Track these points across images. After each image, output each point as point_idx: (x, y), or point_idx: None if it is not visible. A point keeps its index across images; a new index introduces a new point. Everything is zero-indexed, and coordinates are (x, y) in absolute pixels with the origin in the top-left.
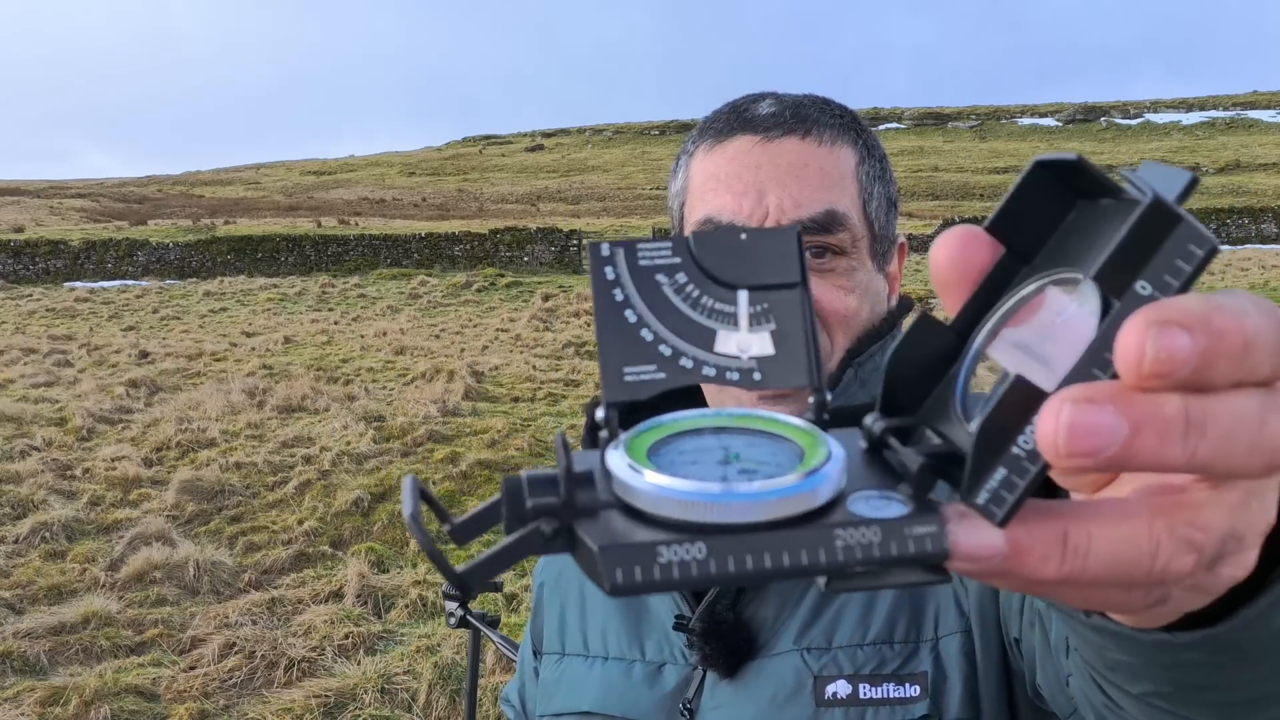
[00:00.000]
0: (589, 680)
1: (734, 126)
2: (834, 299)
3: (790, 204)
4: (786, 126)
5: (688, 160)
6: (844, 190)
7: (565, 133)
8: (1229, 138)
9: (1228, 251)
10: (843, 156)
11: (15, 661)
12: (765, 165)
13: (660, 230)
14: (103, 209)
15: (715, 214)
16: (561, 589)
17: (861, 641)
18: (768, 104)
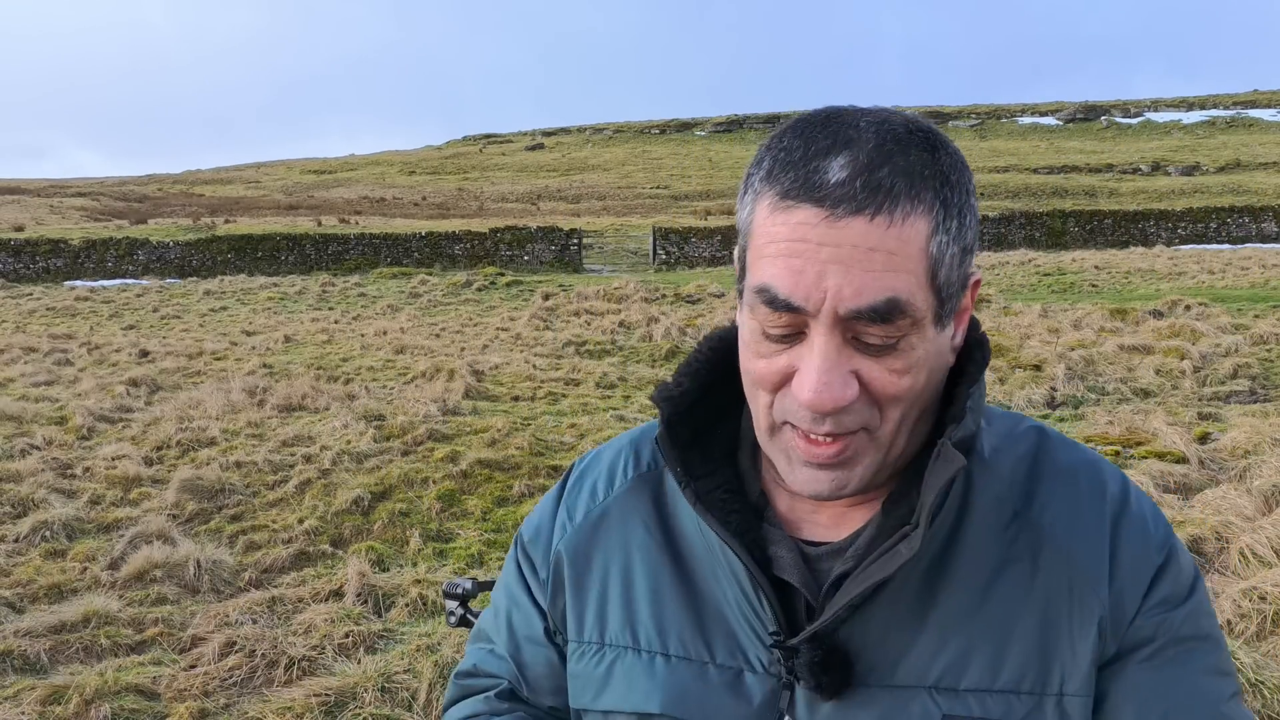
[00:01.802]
0: (653, 679)
1: (802, 191)
2: (887, 383)
3: (850, 292)
4: (855, 204)
5: (754, 200)
6: (911, 271)
7: (565, 132)
8: (1229, 137)
9: (1228, 251)
10: (915, 232)
11: (15, 660)
12: (827, 246)
13: (660, 230)
14: (103, 208)
15: (771, 283)
16: (598, 569)
17: (990, 687)
18: (839, 166)
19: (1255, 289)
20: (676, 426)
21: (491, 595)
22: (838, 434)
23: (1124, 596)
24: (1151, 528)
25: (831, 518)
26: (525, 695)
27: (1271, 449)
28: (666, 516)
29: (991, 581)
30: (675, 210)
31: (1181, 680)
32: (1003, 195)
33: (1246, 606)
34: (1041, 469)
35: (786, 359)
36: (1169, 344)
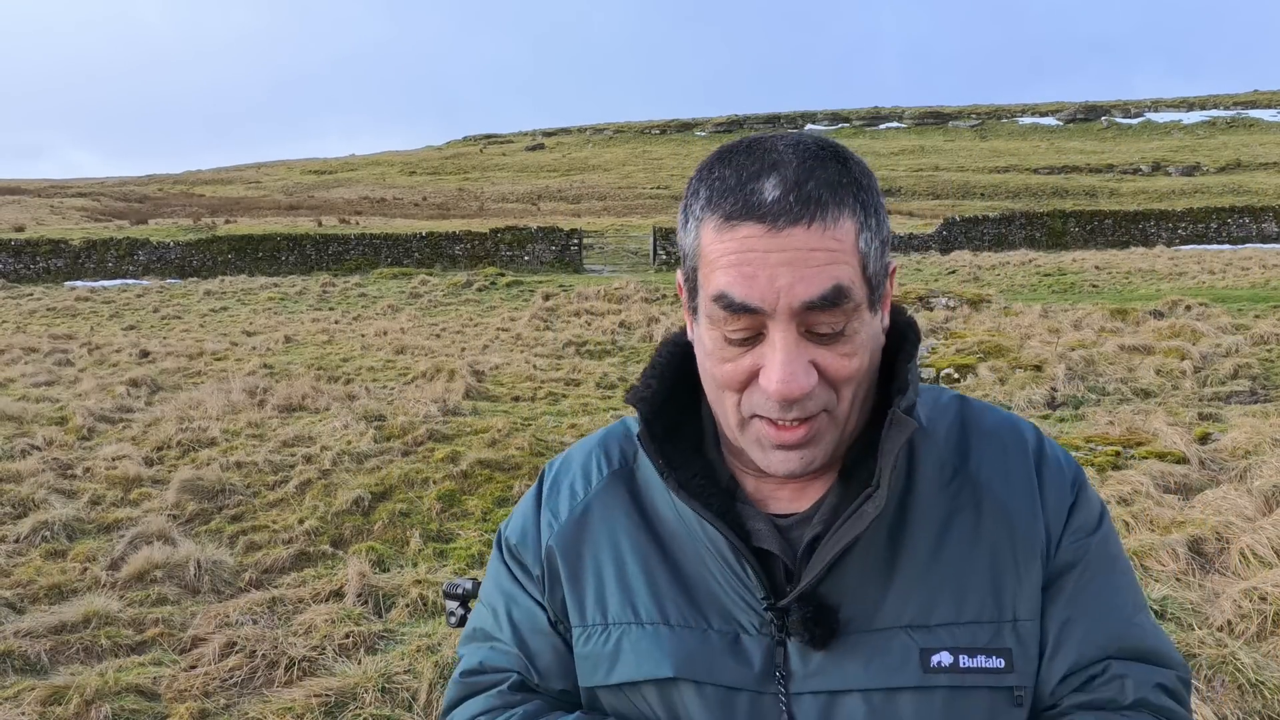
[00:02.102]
0: (661, 647)
1: (742, 211)
2: (840, 366)
3: (801, 286)
4: (793, 215)
5: (698, 225)
6: (847, 263)
7: (566, 132)
8: (1229, 137)
9: (1229, 251)
10: (844, 232)
11: (16, 660)
12: (774, 252)
13: (660, 230)
14: (103, 208)
15: (727, 290)
16: (590, 559)
17: (956, 620)
18: (772, 185)
19: (1256, 289)
20: (653, 423)
21: (481, 597)
22: (803, 418)
23: (1050, 529)
24: (1065, 469)
25: (793, 492)
26: (536, 684)
27: (1272, 449)
28: (644, 506)
29: (944, 531)
30: (675, 211)
31: (1100, 595)
32: (1003, 195)
33: (1247, 606)
34: (969, 431)
35: (750, 359)
36: (1169, 344)
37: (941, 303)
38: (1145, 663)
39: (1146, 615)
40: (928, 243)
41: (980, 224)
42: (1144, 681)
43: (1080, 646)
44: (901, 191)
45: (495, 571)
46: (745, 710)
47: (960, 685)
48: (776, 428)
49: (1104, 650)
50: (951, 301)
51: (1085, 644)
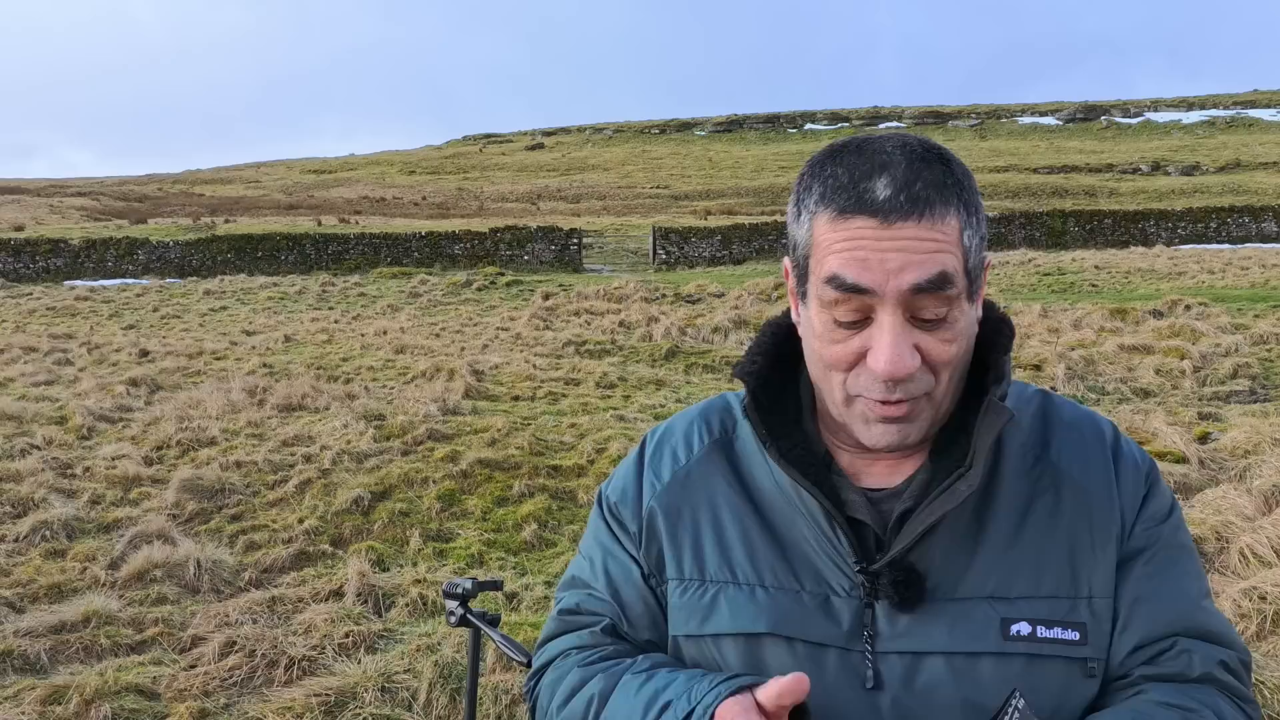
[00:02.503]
0: (756, 605)
1: (856, 206)
2: (941, 351)
3: (910, 272)
4: (903, 211)
5: (811, 218)
6: (952, 253)
7: (565, 131)
8: (1229, 137)
9: (1228, 251)
10: (950, 227)
11: (15, 660)
12: (886, 241)
13: (660, 229)
14: (103, 207)
15: (840, 272)
16: (689, 519)
17: (1035, 593)
18: (884, 184)
19: (1255, 289)
20: (759, 396)
21: (580, 551)
22: (905, 398)
23: (1125, 515)
24: (1140, 462)
25: (885, 469)
26: (625, 631)
27: (1271, 449)
28: (742, 474)
29: (1025, 511)
30: (675, 210)
31: (1170, 578)
32: (1003, 195)
33: (1247, 606)
34: (1051, 422)
35: (858, 342)
36: (1169, 344)
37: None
38: (1210, 642)
39: (1211, 601)
40: None
41: None
42: (1209, 658)
43: (1149, 623)
44: None
45: (595, 527)
46: (833, 665)
47: (1037, 654)
48: (881, 404)
49: (1172, 628)
50: None
51: (1154, 621)
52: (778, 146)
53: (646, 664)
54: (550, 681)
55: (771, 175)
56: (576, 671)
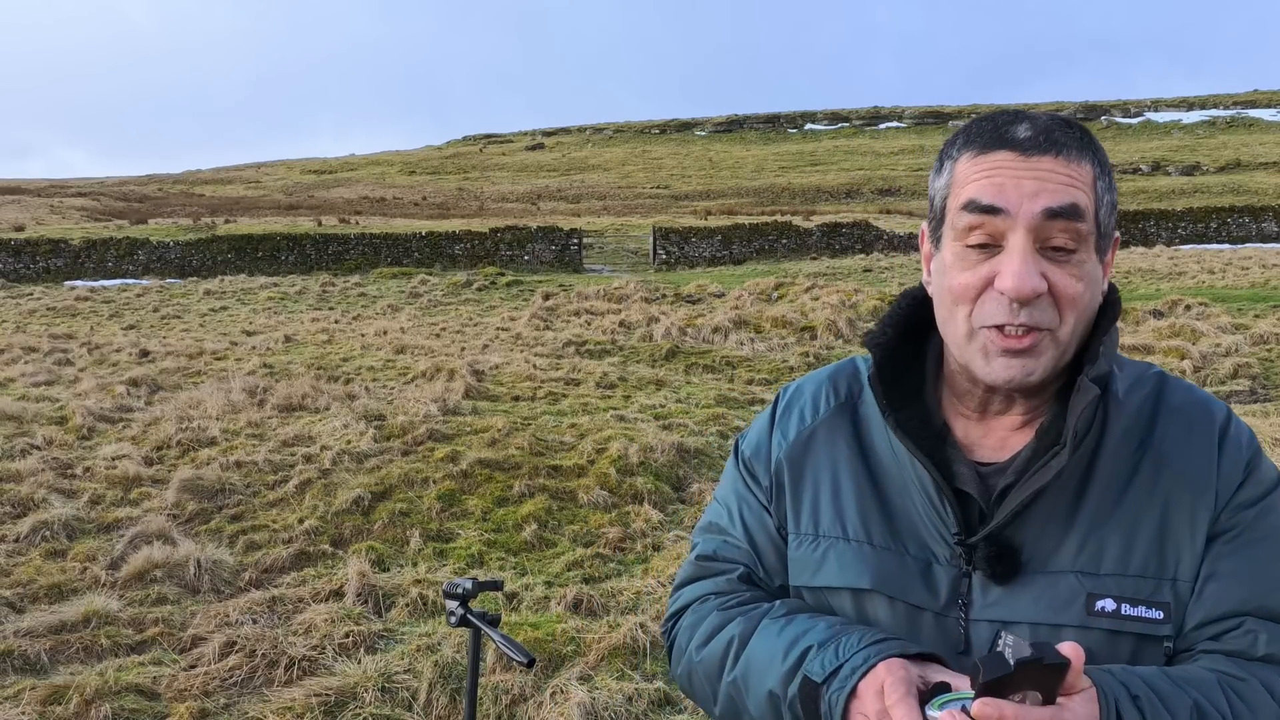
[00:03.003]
0: (863, 562)
1: (997, 143)
2: (1068, 285)
3: (1044, 197)
4: (1042, 148)
5: (952, 164)
6: (1084, 194)
7: (565, 132)
8: (1229, 136)
9: (1228, 251)
10: (1084, 171)
11: (15, 660)
12: (1024, 171)
13: (660, 229)
14: (103, 208)
15: (977, 195)
16: (810, 476)
17: (1123, 572)
18: (1025, 128)
19: (1255, 289)
20: (884, 366)
21: (716, 498)
22: (1030, 327)
23: (1219, 499)
24: (1245, 448)
25: (997, 441)
26: (760, 577)
27: (1271, 449)
28: (862, 438)
29: (1122, 492)
30: (675, 210)
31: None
32: None
33: None
34: (1161, 406)
35: (987, 268)
36: (1169, 344)
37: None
38: None
39: None
40: None
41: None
42: (1276, 639)
43: (1219, 600)
44: (901, 191)
45: (731, 477)
46: (929, 627)
47: (1119, 630)
48: (1003, 336)
49: (1243, 607)
50: None
51: (1225, 598)
52: (778, 146)
53: (784, 609)
54: (690, 624)
55: (772, 175)
56: (716, 615)
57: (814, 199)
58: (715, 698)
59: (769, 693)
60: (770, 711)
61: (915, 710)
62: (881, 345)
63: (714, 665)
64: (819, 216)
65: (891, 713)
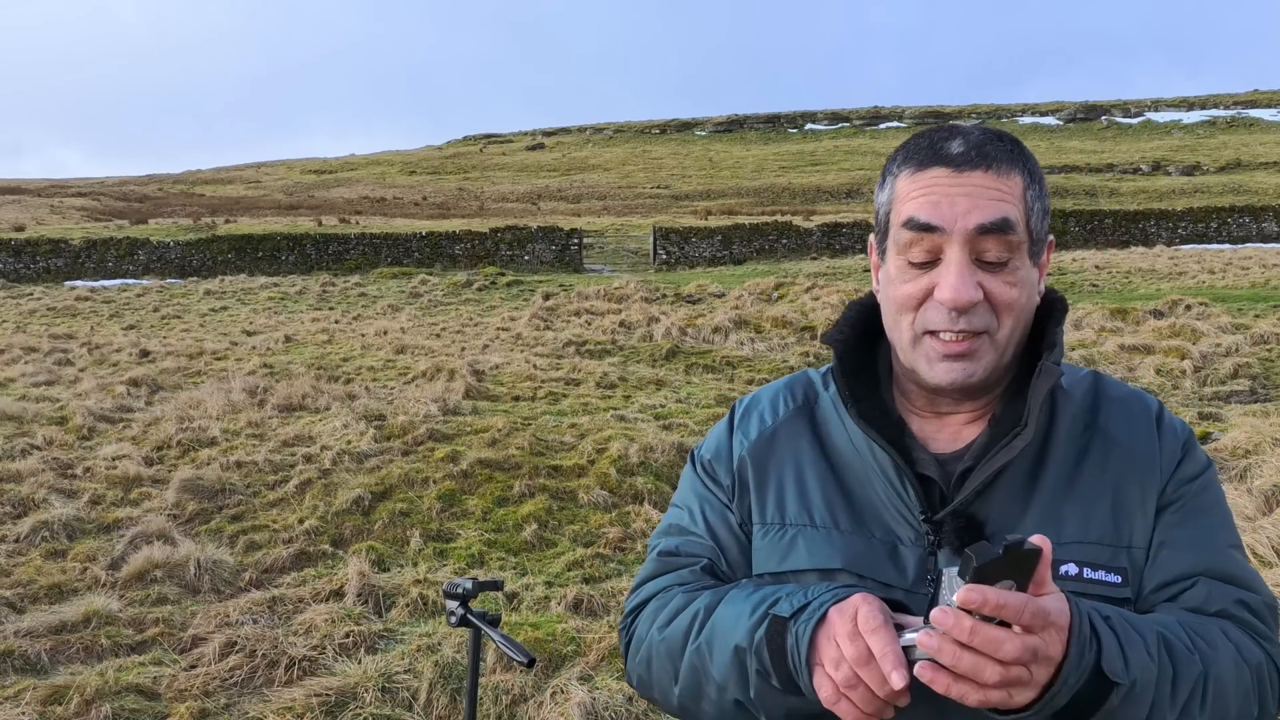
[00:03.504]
0: (832, 545)
1: (932, 160)
2: (1003, 292)
3: (976, 214)
4: (973, 163)
5: (893, 180)
6: (1014, 206)
7: (565, 132)
8: (1230, 136)
9: (1229, 250)
10: (1014, 183)
11: (16, 660)
12: (957, 188)
13: (660, 229)
14: (103, 208)
15: (915, 214)
16: (774, 471)
17: (1083, 540)
18: (957, 144)
19: (1256, 289)
20: (845, 360)
21: (674, 504)
22: (968, 331)
23: (1163, 474)
24: (1179, 431)
25: (951, 435)
26: (723, 570)
27: (1272, 449)
28: (821, 436)
29: (1076, 469)
30: (675, 210)
31: (1196, 528)
32: None
33: None
34: (1101, 396)
35: (927, 279)
36: (1169, 344)
37: None
38: (1232, 584)
39: (1241, 552)
40: None
41: None
42: (1226, 595)
43: (1172, 564)
44: None
45: (690, 481)
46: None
47: (1082, 593)
48: (945, 341)
49: (1194, 568)
50: None
51: (1177, 562)
52: (778, 146)
53: (752, 584)
54: (652, 611)
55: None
56: (681, 597)
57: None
58: (676, 675)
59: (734, 648)
60: (735, 670)
61: (894, 637)
62: (841, 341)
63: (678, 640)
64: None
65: (870, 639)
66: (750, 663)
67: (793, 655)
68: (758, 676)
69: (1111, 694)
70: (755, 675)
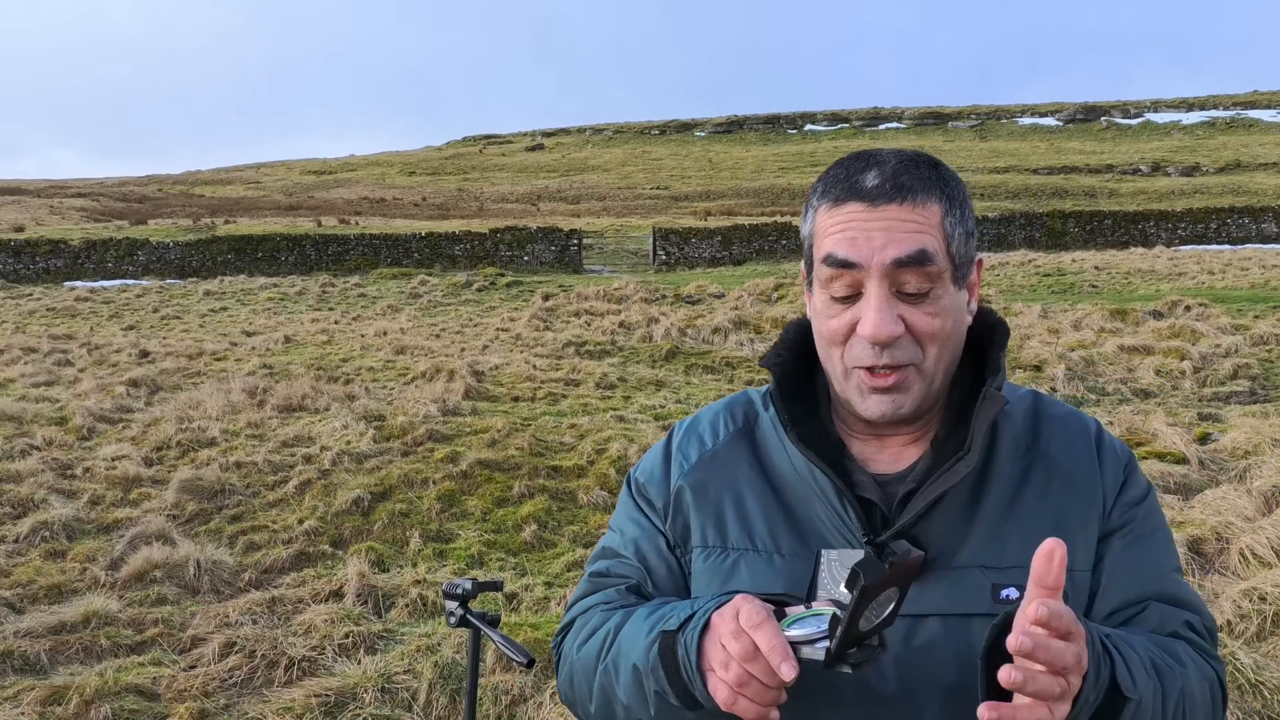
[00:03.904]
0: (774, 570)
1: (848, 194)
2: (925, 323)
3: (892, 248)
4: (888, 196)
5: (814, 214)
6: (931, 236)
7: (565, 132)
8: (1229, 137)
9: (1228, 251)
10: (931, 212)
11: (15, 660)
12: (872, 222)
13: (660, 230)
14: (103, 208)
15: (833, 250)
16: (713, 495)
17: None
18: (873, 176)
19: (1255, 289)
20: (783, 385)
21: (610, 525)
22: (893, 366)
23: (1106, 498)
24: (1119, 453)
25: (891, 456)
26: (649, 591)
27: (1271, 449)
28: (762, 459)
29: (1017, 492)
30: (675, 211)
31: (1144, 553)
32: (1003, 196)
33: (1246, 607)
34: (1041, 417)
35: (850, 314)
36: (1169, 344)
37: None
38: (1178, 607)
39: (1181, 574)
40: None
41: (980, 224)
42: (1175, 618)
43: (1125, 589)
44: None
45: (624, 504)
46: None
47: None
48: (872, 375)
49: (1146, 593)
50: None
51: (1130, 588)
52: (778, 147)
53: (659, 600)
54: (575, 630)
55: (771, 176)
56: (599, 616)
57: None
58: (591, 694)
59: (633, 668)
60: (636, 691)
61: (778, 630)
62: (779, 365)
63: (591, 660)
64: None
65: (755, 635)
66: (648, 683)
67: (685, 666)
68: (656, 697)
69: (1124, 710)
70: (654, 695)
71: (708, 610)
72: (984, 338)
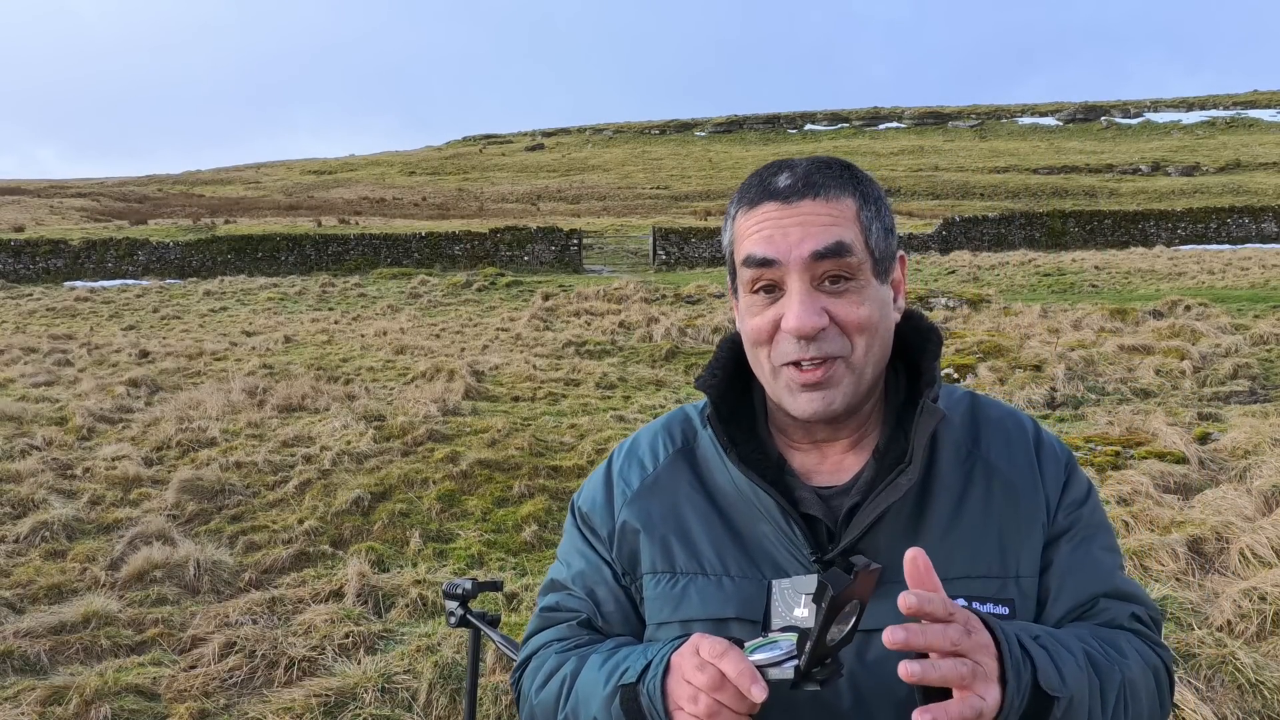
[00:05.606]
0: (723, 593)
1: (763, 196)
2: (850, 312)
3: (810, 241)
4: (801, 193)
5: (731, 221)
6: (848, 228)
7: (565, 132)
8: (1229, 137)
9: (1228, 251)
10: (845, 206)
11: (15, 660)
12: (788, 218)
13: (660, 230)
14: (103, 208)
15: (752, 250)
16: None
17: (970, 574)
18: (785, 177)
19: (1255, 289)
20: (720, 406)
21: (559, 555)
22: (820, 359)
23: (1049, 501)
24: (1059, 452)
25: (832, 466)
26: (600, 626)
27: (1271, 449)
28: (704, 479)
29: (960, 502)
30: (675, 210)
31: (1090, 554)
32: (1003, 196)
33: (1246, 607)
34: (979, 420)
35: (773, 311)
36: (1169, 344)
37: (941, 303)
38: (1125, 601)
39: (1124, 569)
40: (927, 243)
41: (980, 224)
42: (1123, 612)
43: (1077, 591)
44: (901, 192)
45: (570, 534)
46: None
47: None
48: (800, 370)
49: (1094, 592)
50: (951, 302)
51: (1081, 589)
52: (778, 147)
53: (611, 644)
54: (531, 670)
55: None
56: (553, 659)
57: None
58: None
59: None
60: None
61: (742, 655)
62: (714, 387)
63: (550, 706)
64: None
65: (720, 664)
66: None
67: (651, 714)
68: None
69: (1054, 708)
70: None
71: (664, 655)
72: (917, 346)
